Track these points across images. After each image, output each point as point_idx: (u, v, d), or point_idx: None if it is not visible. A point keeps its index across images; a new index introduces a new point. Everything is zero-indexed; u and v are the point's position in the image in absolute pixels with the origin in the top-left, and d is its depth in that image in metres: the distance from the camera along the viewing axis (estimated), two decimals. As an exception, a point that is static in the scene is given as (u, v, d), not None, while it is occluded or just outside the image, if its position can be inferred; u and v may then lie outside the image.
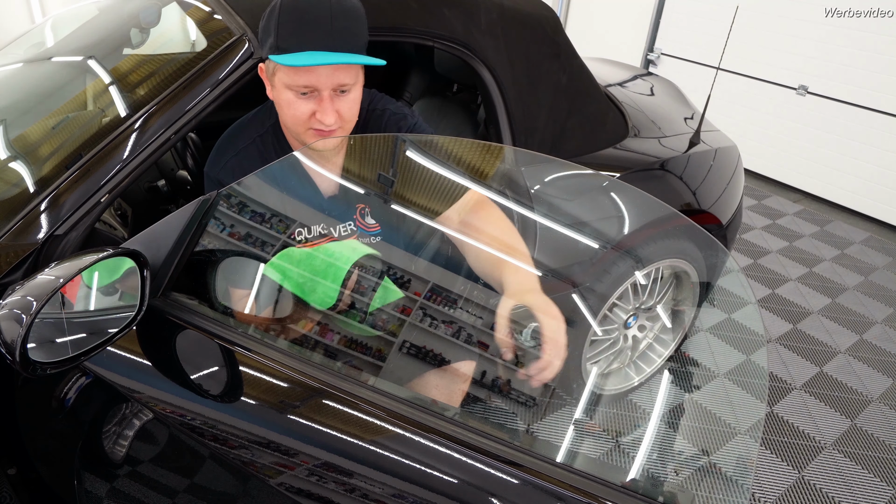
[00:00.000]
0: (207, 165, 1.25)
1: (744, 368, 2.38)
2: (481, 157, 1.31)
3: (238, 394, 0.91)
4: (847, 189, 4.16)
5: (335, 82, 1.07)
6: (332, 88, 1.08)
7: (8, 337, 0.72)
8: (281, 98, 1.11)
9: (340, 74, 1.07)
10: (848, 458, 2.12)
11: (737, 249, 3.49)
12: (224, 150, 1.24)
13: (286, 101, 1.10)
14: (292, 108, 1.09)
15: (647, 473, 0.90)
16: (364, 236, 1.25)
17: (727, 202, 2.22)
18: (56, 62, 1.71)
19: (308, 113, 1.09)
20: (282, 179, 1.16)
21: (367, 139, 1.25)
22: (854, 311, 3.01)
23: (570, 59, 1.84)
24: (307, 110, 1.09)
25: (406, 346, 1.15)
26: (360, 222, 1.24)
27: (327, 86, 1.07)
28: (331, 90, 1.08)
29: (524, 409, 1.11)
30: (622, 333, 1.98)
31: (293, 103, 1.09)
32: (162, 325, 0.94)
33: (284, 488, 0.83)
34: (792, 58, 4.26)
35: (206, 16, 1.44)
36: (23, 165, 1.28)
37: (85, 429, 1.05)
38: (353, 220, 1.24)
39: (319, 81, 1.06)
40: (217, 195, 0.99)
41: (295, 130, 1.14)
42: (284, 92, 1.09)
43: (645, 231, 1.58)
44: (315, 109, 1.08)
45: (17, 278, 1.04)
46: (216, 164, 1.23)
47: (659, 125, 2.20)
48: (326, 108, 1.08)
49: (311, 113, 1.09)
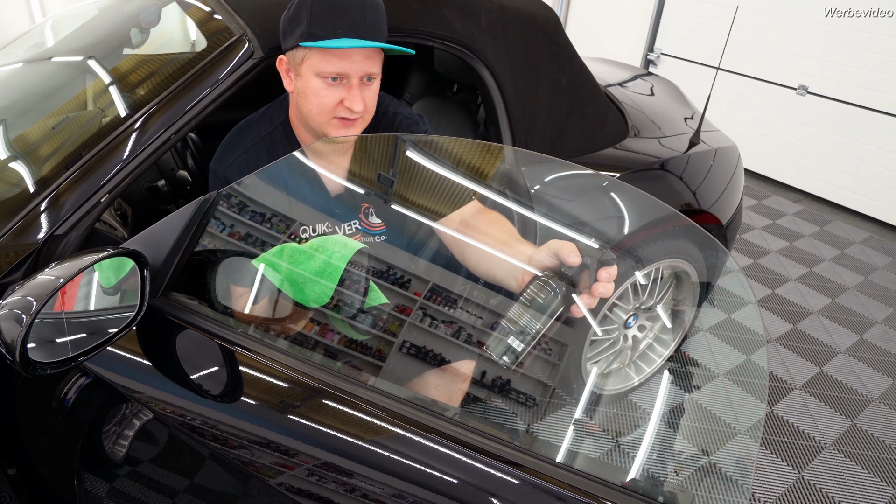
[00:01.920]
0: (214, 162, 1.25)
1: (744, 368, 2.38)
2: (481, 157, 1.31)
3: (238, 394, 0.91)
4: (847, 189, 4.16)
5: (365, 70, 1.12)
6: (361, 76, 1.12)
7: (8, 337, 0.72)
8: (308, 87, 1.13)
9: (370, 63, 1.12)
10: (848, 458, 2.12)
11: (737, 249, 3.49)
12: (232, 148, 1.25)
13: (314, 89, 1.13)
14: (320, 97, 1.13)
15: (647, 473, 0.90)
16: (368, 236, 1.25)
17: (727, 202, 2.22)
18: (56, 62, 1.71)
19: (336, 101, 1.12)
20: (288, 177, 1.17)
21: (374, 139, 1.27)
22: (854, 311, 3.01)
23: (570, 59, 1.84)
24: (335, 98, 1.12)
25: (406, 346, 1.15)
26: (364, 222, 1.25)
27: (357, 73, 1.11)
28: (359, 78, 1.12)
29: (524, 409, 1.11)
30: (622, 333, 1.98)
31: (321, 91, 1.12)
32: (162, 325, 0.94)
33: (284, 488, 0.84)
34: (792, 58, 4.26)
35: (206, 16, 1.44)
36: (23, 165, 1.28)
37: (85, 429, 1.05)
38: (357, 220, 1.24)
39: (352, 68, 1.10)
40: (217, 195, 0.99)
41: (318, 120, 1.16)
42: (312, 80, 1.12)
43: (645, 231, 1.58)
44: (343, 97, 1.12)
45: (17, 278, 1.04)
46: (223, 161, 1.23)
47: (659, 125, 2.20)
48: (355, 95, 1.12)
49: (339, 101, 1.13)
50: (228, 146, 1.25)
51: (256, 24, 1.29)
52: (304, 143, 1.26)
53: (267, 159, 1.21)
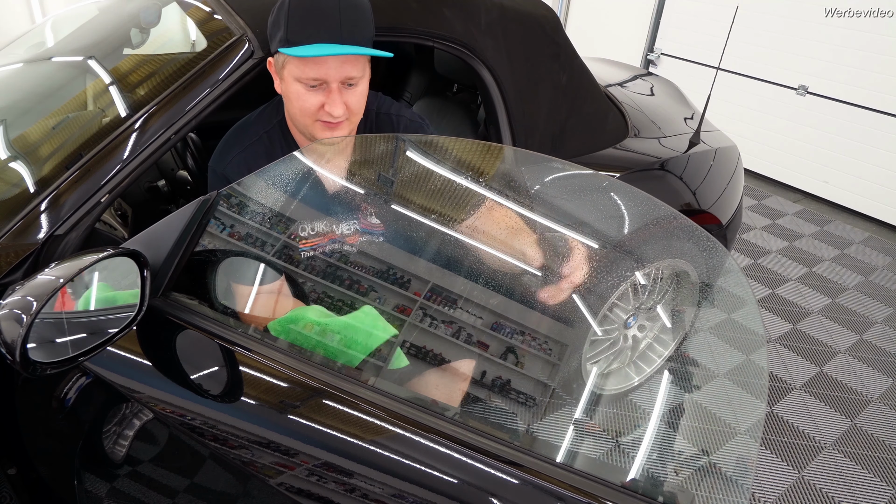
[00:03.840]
0: (213, 160, 1.25)
1: (744, 368, 2.38)
2: (481, 157, 1.31)
3: (238, 394, 0.91)
4: (847, 189, 4.16)
5: (343, 74, 1.10)
6: (341, 81, 1.11)
7: (8, 337, 0.72)
8: (290, 91, 1.13)
9: (348, 67, 1.10)
10: (848, 458, 2.12)
11: (737, 249, 3.49)
12: (230, 146, 1.25)
13: (295, 93, 1.12)
14: (301, 101, 1.12)
15: (647, 473, 0.90)
16: (367, 235, 1.25)
17: (727, 202, 2.22)
18: (56, 62, 1.71)
19: (317, 105, 1.12)
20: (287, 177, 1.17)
21: (374, 139, 1.27)
22: (854, 311, 3.01)
23: (570, 59, 1.84)
24: (316, 102, 1.12)
25: (406, 346, 1.15)
26: (363, 222, 1.25)
27: (336, 78, 1.10)
28: (339, 82, 1.11)
29: (524, 409, 1.11)
30: (622, 333, 1.98)
31: (302, 95, 1.12)
32: (162, 325, 0.94)
33: (284, 488, 0.83)
34: (792, 58, 4.26)
35: (206, 16, 1.44)
36: (23, 165, 1.27)
37: (85, 429, 1.05)
38: (356, 220, 1.24)
39: (328, 73, 1.09)
40: (217, 195, 0.99)
41: (303, 123, 1.16)
42: (293, 84, 1.11)
43: (645, 231, 1.57)
44: (324, 101, 1.12)
45: (17, 278, 1.04)
46: (222, 160, 1.24)
47: (659, 125, 2.20)
48: (335, 100, 1.11)
49: (320, 105, 1.12)
50: (227, 145, 1.26)
51: (256, 25, 1.29)
52: (300, 142, 1.26)
53: (265, 157, 1.21)
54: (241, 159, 1.22)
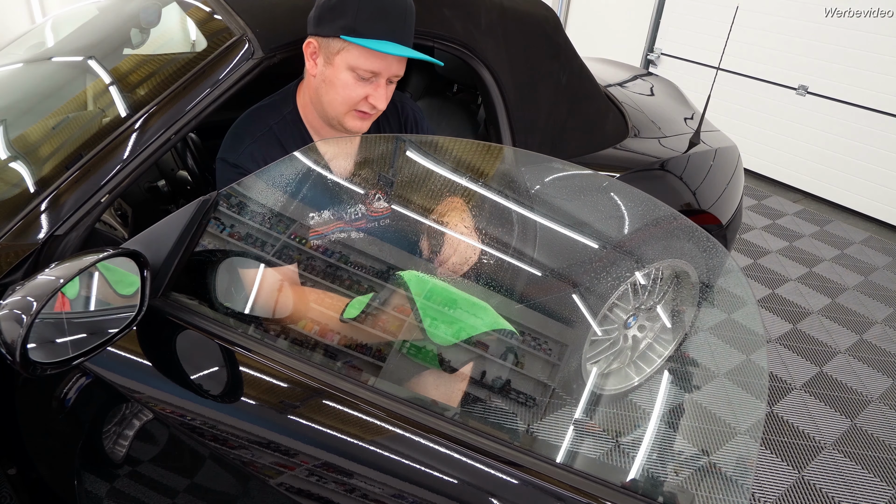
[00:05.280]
0: (222, 152, 1.25)
1: (744, 368, 2.38)
2: (481, 157, 1.31)
3: (238, 394, 0.91)
4: (847, 189, 4.16)
5: (395, 72, 1.18)
6: (389, 77, 1.18)
7: (8, 337, 0.72)
8: (337, 77, 1.17)
9: (400, 66, 1.19)
10: (848, 458, 2.12)
11: (737, 249, 3.49)
12: (241, 137, 1.26)
13: (343, 81, 1.16)
14: (347, 89, 1.17)
15: (647, 473, 0.91)
16: (372, 222, 1.27)
17: (727, 202, 2.22)
18: (56, 62, 1.71)
19: (361, 96, 1.18)
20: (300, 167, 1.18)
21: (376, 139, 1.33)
22: (854, 311, 3.01)
23: (570, 59, 1.84)
24: (361, 93, 1.17)
25: (406, 346, 1.15)
26: (370, 208, 1.28)
27: (388, 73, 1.17)
28: (387, 78, 1.18)
29: (524, 409, 1.11)
30: (622, 333, 1.98)
31: (350, 84, 1.16)
32: (162, 325, 0.94)
33: (284, 488, 0.84)
34: (792, 58, 4.26)
35: (206, 16, 1.44)
36: (23, 165, 1.27)
37: (85, 429, 1.05)
38: (363, 205, 1.28)
39: (388, 69, 1.16)
40: (217, 195, 0.99)
41: (338, 110, 1.20)
42: (343, 72, 1.16)
43: (645, 231, 1.58)
44: (369, 94, 1.17)
45: (17, 278, 1.04)
46: (234, 151, 1.24)
47: (659, 125, 2.20)
48: (381, 94, 1.18)
49: (365, 96, 1.18)
50: (238, 136, 1.26)
51: (256, 25, 1.29)
52: (313, 131, 1.29)
53: (278, 148, 1.24)
54: (255, 149, 1.24)
